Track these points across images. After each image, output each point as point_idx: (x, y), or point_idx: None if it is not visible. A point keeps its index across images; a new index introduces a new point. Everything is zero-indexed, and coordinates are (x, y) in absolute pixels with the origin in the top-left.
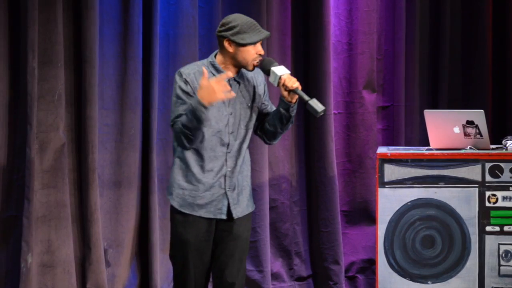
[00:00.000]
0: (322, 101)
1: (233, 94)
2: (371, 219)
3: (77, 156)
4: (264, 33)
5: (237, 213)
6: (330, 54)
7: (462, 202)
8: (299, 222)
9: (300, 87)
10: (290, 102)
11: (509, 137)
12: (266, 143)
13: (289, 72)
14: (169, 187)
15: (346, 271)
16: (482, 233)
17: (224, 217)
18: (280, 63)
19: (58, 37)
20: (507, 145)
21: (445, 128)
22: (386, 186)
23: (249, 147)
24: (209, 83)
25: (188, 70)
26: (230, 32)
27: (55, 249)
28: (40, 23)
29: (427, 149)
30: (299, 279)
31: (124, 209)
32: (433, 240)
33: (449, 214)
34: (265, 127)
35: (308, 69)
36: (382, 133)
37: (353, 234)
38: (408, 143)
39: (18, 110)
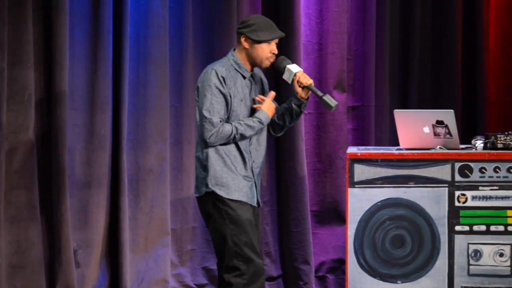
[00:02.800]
0: None
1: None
2: (341, 219)
3: (47, 156)
4: (279, 33)
5: (259, 201)
6: (300, 54)
7: (432, 201)
8: (269, 222)
9: (313, 84)
10: (303, 98)
11: (478, 137)
12: (271, 135)
13: (302, 69)
14: (205, 180)
15: (316, 271)
16: (451, 232)
17: (255, 204)
18: None
19: (28, 38)
20: (476, 145)
21: (415, 128)
22: (356, 186)
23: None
24: (270, 101)
25: (221, 68)
26: (247, 29)
27: (25, 250)
28: (9, 23)
29: (397, 149)
30: (269, 279)
31: (94, 210)
32: (403, 239)
33: (418, 213)
34: (273, 119)
35: None
36: (352, 133)
37: (323, 234)
38: (378, 143)
39: None
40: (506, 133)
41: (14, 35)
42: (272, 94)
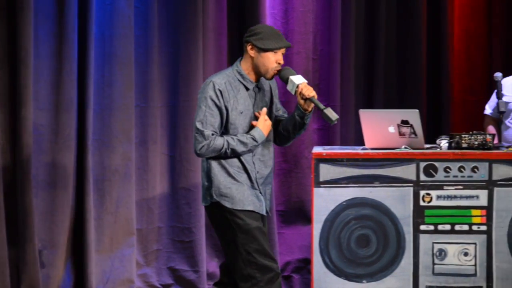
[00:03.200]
0: None
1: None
2: (307, 218)
3: (11, 157)
4: (285, 43)
5: (267, 210)
6: None
7: (397, 201)
8: None
9: (316, 96)
10: (306, 110)
11: (443, 137)
12: (277, 145)
13: (306, 81)
14: (209, 191)
15: (282, 270)
16: (416, 232)
17: (264, 213)
18: (216, 63)
19: None
20: (441, 145)
21: (380, 127)
22: (322, 185)
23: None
24: (263, 118)
25: (220, 80)
26: (254, 38)
27: None
28: None
29: (362, 149)
30: None
31: (59, 210)
32: (368, 239)
33: (384, 213)
34: (278, 130)
35: None
36: (317, 133)
37: (288, 233)
38: (344, 142)
39: None
40: (470, 132)
41: None
42: (264, 110)
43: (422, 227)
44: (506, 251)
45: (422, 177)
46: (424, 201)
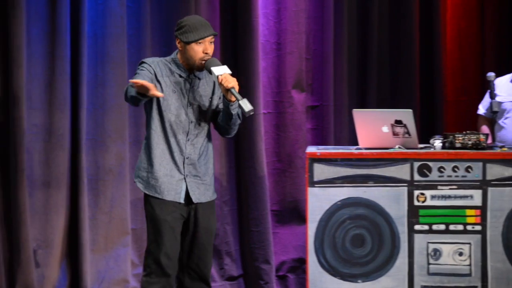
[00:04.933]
0: (251, 100)
1: (160, 94)
2: (301, 218)
3: (5, 156)
4: (208, 32)
5: (196, 198)
6: (259, 54)
7: (391, 201)
8: (230, 221)
9: (236, 87)
10: (230, 100)
11: (437, 136)
12: (222, 136)
13: (229, 72)
14: (136, 169)
15: (277, 270)
16: (411, 232)
17: (181, 201)
18: None
19: None
20: (435, 144)
21: (374, 127)
22: (316, 185)
23: (210, 140)
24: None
25: (152, 60)
26: (179, 32)
27: None
28: None
29: (356, 149)
30: (230, 278)
31: (53, 210)
32: (362, 239)
33: (378, 213)
34: (217, 121)
35: (237, 69)
36: (311, 132)
37: (283, 233)
38: (338, 142)
39: None
40: (464, 132)
41: None
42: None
43: (417, 227)
44: (501, 250)
45: (416, 177)
46: (418, 201)
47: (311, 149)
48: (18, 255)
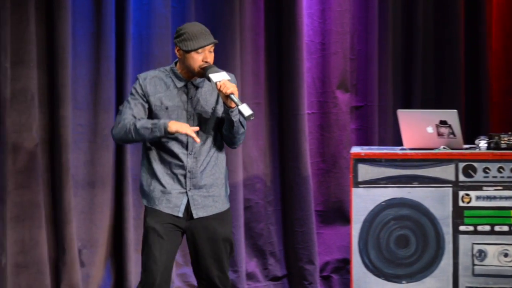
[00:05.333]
0: (295, 101)
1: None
2: (346, 219)
3: (50, 156)
4: (208, 41)
5: (198, 212)
6: (303, 54)
7: (436, 201)
8: (274, 222)
9: (235, 93)
10: (230, 106)
11: (482, 137)
12: (229, 147)
13: (228, 78)
14: (139, 186)
15: (321, 270)
16: (456, 232)
17: (180, 215)
18: (253, 63)
19: (30, 37)
20: (480, 145)
21: (419, 128)
22: (360, 186)
23: (219, 149)
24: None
25: (145, 75)
26: (178, 39)
27: (29, 249)
28: (12, 23)
29: (400, 149)
30: (274, 279)
31: (98, 209)
32: (407, 239)
33: (423, 213)
34: (222, 131)
35: (282, 69)
36: (355, 133)
37: (327, 234)
38: (382, 143)
39: None
40: (509, 133)
41: (17, 35)
42: (196, 128)
43: (462, 228)
44: None
45: (461, 177)
46: (463, 201)
47: (355, 150)
48: (63, 255)
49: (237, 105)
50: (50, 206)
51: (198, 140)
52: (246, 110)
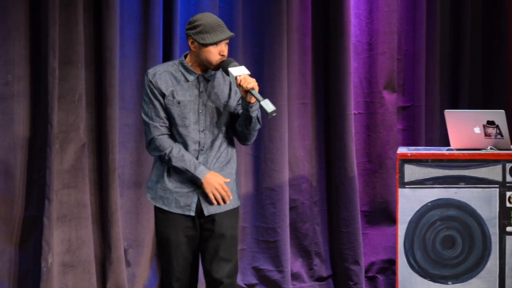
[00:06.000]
0: (342, 101)
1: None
2: (391, 219)
3: (97, 156)
4: (226, 34)
5: (209, 210)
6: (350, 54)
7: (483, 202)
8: (319, 222)
9: (256, 88)
10: (249, 103)
11: None
12: (241, 143)
13: (248, 72)
14: (147, 182)
15: (366, 271)
16: (502, 233)
17: (192, 214)
18: (300, 63)
19: (78, 37)
20: None
21: (466, 128)
22: (406, 186)
23: (231, 144)
24: (222, 187)
25: (154, 71)
26: (193, 31)
27: (76, 249)
28: (60, 23)
29: (447, 149)
30: (319, 279)
31: (144, 209)
32: (453, 240)
33: (469, 214)
34: (235, 127)
35: (329, 69)
36: (402, 133)
37: (373, 234)
38: (429, 143)
39: (39, 110)
40: None
41: (65, 35)
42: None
43: (509, 229)
44: None
45: (509, 178)
46: (510, 202)
47: (402, 150)
48: (109, 254)
49: (258, 101)
50: (97, 206)
51: (228, 201)
52: (268, 105)
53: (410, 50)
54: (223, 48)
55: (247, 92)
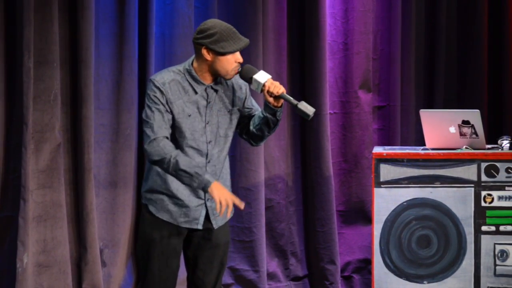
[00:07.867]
0: (317, 101)
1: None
2: (367, 219)
3: (73, 156)
4: (245, 41)
5: (217, 222)
6: (325, 54)
7: (458, 202)
8: (295, 222)
9: (285, 91)
10: (276, 107)
11: (504, 137)
12: (252, 145)
13: (270, 76)
14: (145, 186)
15: (342, 271)
16: (478, 232)
17: (200, 227)
18: (276, 63)
19: (53, 37)
20: (502, 145)
21: (441, 128)
22: (382, 186)
23: (239, 148)
24: (231, 198)
25: (162, 80)
26: (208, 40)
27: (51, 249)
28: (35, 23)
29: (423, 149)
30: (295, 279)
31: (120, 209)
32: (429, 240)
33: (445, 214)
34: (251, 131)
35: (304, 69)
36: (378, 133)
37: (349, 234)
38: (404, 143)
39: (14, 110)
40: None
41: (40, 35)
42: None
43: (484, 228)
44: None
45: (484, 177)
46: (485, 201)
47: (377, 150)
48: (85, 254)
49: (292, 104)
50: (72, 206)
51: (242, 206)
52: (307, 108)
53: (385, 50)
54: (239, 56)
55: (276, 97)
